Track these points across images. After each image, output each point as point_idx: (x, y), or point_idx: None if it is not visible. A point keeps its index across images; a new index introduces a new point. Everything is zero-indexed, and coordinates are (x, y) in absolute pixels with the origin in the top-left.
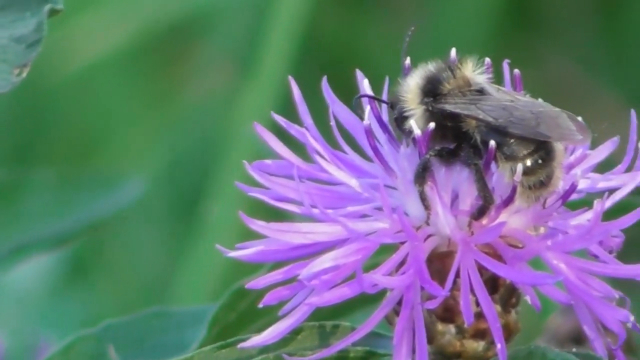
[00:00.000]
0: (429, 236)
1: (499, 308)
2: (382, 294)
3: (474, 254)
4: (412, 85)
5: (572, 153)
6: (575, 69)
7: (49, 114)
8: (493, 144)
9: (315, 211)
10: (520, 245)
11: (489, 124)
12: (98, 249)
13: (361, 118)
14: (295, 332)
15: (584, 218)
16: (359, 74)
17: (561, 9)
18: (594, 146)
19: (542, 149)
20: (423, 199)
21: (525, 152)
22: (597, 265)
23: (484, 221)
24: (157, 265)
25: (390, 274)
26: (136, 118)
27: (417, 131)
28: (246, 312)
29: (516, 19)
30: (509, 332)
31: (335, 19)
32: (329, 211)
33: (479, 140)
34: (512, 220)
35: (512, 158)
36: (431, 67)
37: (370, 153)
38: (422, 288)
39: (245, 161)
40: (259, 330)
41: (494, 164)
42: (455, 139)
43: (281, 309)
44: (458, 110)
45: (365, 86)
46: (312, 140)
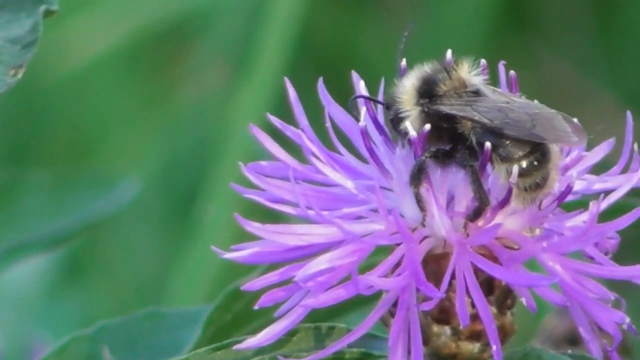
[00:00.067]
0: (425, 238)
1: (494, 310)
2: (377, 295)
3: (470, 255)
4: (408, 86)
5: (568, 154)
6: (571, 71)
7: (44, 114)
8: (489, 145)
9: (311, 213)
10: (516, 247)
11: (484, 126)
12: (93, 249)
13: (357, 119)
14: (290, 334)
15: (580, 219)
16: (354, 75)
17: (557, 11)
18: (589, 147)
19: (537, 150)
20: (419, 200)
21: (521, 153)
22: (593, 266)
23: (480, 223)
24: (152, 266)
25: (385, 276)
26: (132, 118)
27: (413, 132)
28: (241, 313)
29: (512, 20)
30: (504, 333)
31: (331, 19)
32: (325, 213)
33: (474, 142)
34: (508, 221)
35: (507, 160)
36: (427, 68)
37: (366, 154)
38: (418, 290)
39: (241, 162)
40: (254, 332)
41: (489, 166)
42: (451, 140)
43: (277, 311)
44: (454, 112)
45: (361, 87)
46: (308, 141)
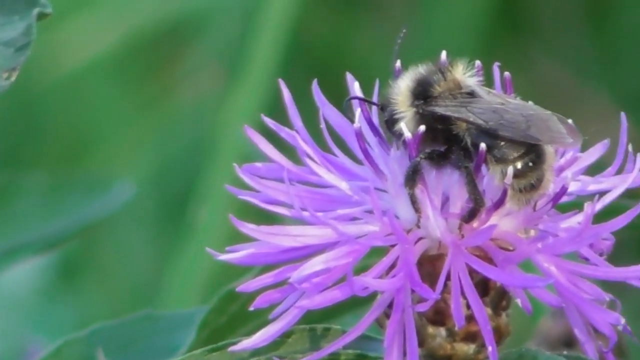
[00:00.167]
0: (420, 239)
1: (489, 311)
2: (372, 296)
3: (465, 256)
4: (402, 87)
5: (563, 155)
6: (565, 72)
7: (39, 117)
8: (483, 146)
9: (306, 214)
10: (511, 248)
11: (479, 127)
12: (88, 252)
13: (351, 121)
14: (286, 335)
15: (575, 221)
16: (349, 76)
17: (551, 13)
18: (584, 149)
19: (532, 151)
20: (413, 201)
21: (516, 154)
22: (588, 267)
23: (475, 224)
24: (146, 268)
25: (380, 277)
26: (126, 121)
27: (408, 134)
28: (236, 315)
29: (506, 22)
30: (499, 334)
31: (325, 21)
32: (319, 214)
33: (469, 143)
34: (503, 222)
35: (502, 161)
36: (422, 69)
37: (361, 156)
38: (413, 291)
39: (235, 164)
40: (249, 334)
41: (484, 167)
42: (446, 141)
43: (272, 312)
44: (448, 113)
45: (356, 89)
46: (302, 142)
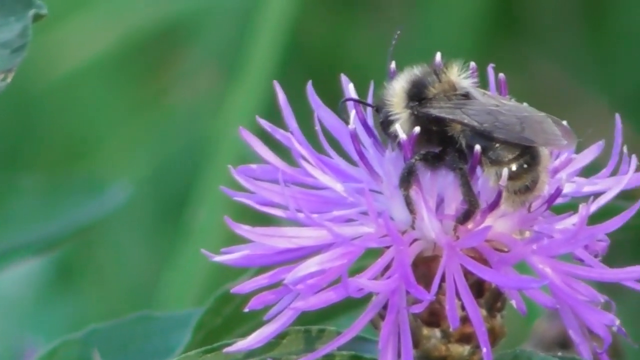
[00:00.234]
0: (415, 240)
1: (484, 312)
2: (367, 298)
3: (460, 258)
4: (397, 89)
5: (557, 157)
6: (560, 74)
7: (35, 118)
8: (478, 148)
9: (301, 215)
10: (506, 249)
11: (474, 129)
12: (84, 253)
13: (346, 122)
14: (280, 337)
15: (570, 222)
16: (344, 78)
17: (547, 15)
18: (579, 150)
19: (527, 153)
20: (408, 203)
21: (511, 156)
22: (583, 269)
23: (470, 225)
24: (143, 269)
25: (375, 278)
26: (122, 123)
27: (403, 135)
28: (232, 316)
29: (502, 24)
30: (494, 336)
31: (321, 22)
32: (315, 215)
33: (464, 145)
34: (498, 224)
35: (497, 162)
36: (417, 71)
37: (356, 157)
38: (408, 292)
39: (231, 166)
40: (244, 335)
41: (479, 169)
42: (441, 143)
43: (267, 314)
44: (443, 115)
45: (351, 90)
46: (297, 144)
